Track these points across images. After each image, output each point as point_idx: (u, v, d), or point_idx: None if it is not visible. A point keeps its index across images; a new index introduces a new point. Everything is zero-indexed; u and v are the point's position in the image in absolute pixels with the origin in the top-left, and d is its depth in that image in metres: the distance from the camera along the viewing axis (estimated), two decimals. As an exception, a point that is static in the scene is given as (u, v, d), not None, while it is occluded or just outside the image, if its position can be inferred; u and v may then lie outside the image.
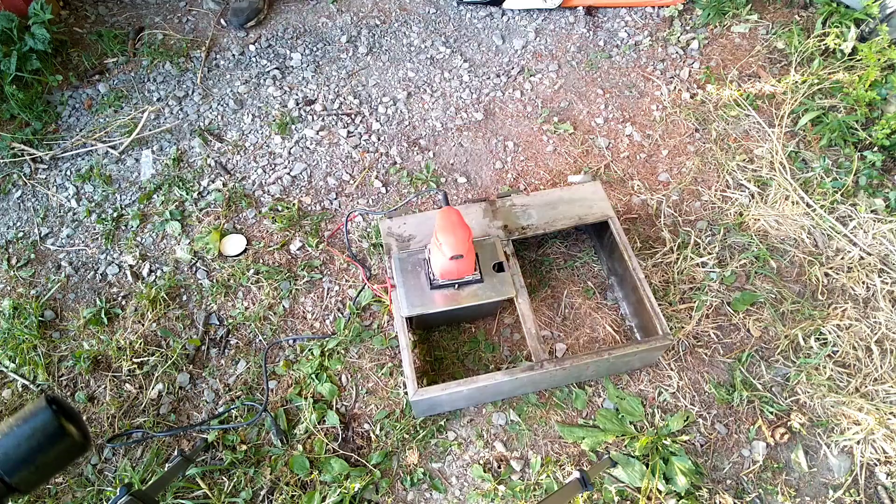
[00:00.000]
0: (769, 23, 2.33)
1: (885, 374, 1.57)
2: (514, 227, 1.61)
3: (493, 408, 1.56)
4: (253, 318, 1.71)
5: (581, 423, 1.54)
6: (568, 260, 1.81)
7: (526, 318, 1.47)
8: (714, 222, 1.86)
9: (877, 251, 1.77)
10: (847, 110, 2.03)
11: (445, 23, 2.38)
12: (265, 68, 2.24)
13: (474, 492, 1.45)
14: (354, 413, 1.57)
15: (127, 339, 1.67)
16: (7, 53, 2.05)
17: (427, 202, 1.93)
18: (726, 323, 1.68)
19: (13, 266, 1.84)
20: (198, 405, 1.60)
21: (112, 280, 1.80)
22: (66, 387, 1.64)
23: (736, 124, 2.07)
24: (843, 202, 1.86)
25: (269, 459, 1.50)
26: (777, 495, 1.44)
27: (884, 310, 1.67)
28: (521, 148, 2.04)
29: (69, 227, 1.91)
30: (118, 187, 1.98)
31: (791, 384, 1.58)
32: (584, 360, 1.43)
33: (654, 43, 2.29)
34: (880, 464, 1.47)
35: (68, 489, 1.49)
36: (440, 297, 1.48)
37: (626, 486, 1.43)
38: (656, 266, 1.76)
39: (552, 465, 1.47)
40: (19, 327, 1.69)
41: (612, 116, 2.11)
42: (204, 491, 1.45)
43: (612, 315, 1.71)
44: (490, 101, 2.16)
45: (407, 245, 1.58)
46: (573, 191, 1.68)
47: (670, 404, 1.56)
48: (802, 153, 1.99)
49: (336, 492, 1.42)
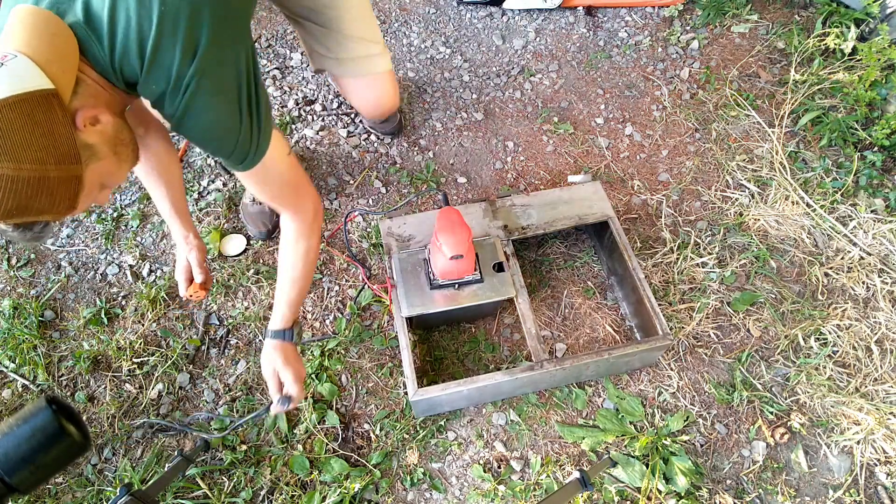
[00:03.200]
0: (769, 23, 2.33)
1: (885, 374, 1.57)
2: (514, 227, 1.61)
3: (493, 408, 1.56)
4: (253, 318, 1.71)
5: (581, 423, 1.54)
6: (568, 260, 1.81)
7: (526, 318, 1.47)
8: (714, 222, 1.86)
9: (877, 251, 1.77)
10: (847, 110, 2.03)
11: (445, 23, 2.38)
12: (265, 68, 2.24)
13: (474, 492, 1.45)
14: (354, 413, 1.57)
15: (127, 339, 1.67)
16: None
17: (427, 202, 1.93)
18: (726, 323, 1.68)
19: (13, 266, 1.84)
20: (198, 405, 1.60)
21: (112, 280, 1.80)
22: (66, 387, 1.64)
23: (736, 124, 2.07)
24: (843, 202, 1.86)
25: (269, 459, 1.50)
26: (777, 495, 1.44)
27: (884, 310, 1.67)
28: (521, 148, 2.04)
29: (69, 227, 1.91)
30: (118, 187, 1.98)
31: (791, 384, 1.58)
32: (584, 360, 1.43)
33: (654, 43, 2.29)
34: (880, 464, 1.47)
35: (68, 489, 1.49)
36: (440, 297, 1.48)
37: (626, 486, 1.43)
38: (656, 266, 1.76)
39: (552, 465, 1.47)
40: (19, 327, 1.69)
41: (612, 116, 2.11)
42: (204, 491, 1.45)
43: (612, 315, 1.71)
44: (490, 101, 2.16)
45: (407, 245, 1.58)
46: (573, 191, 1.68)
47: (670, 404, 1.56)
48: (802, 153, 1.99)
49: (336, 492, 1.42)
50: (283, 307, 1.26)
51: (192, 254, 1.38)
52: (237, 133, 0.97)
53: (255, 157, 1.03)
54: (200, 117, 0.94)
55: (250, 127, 0.99)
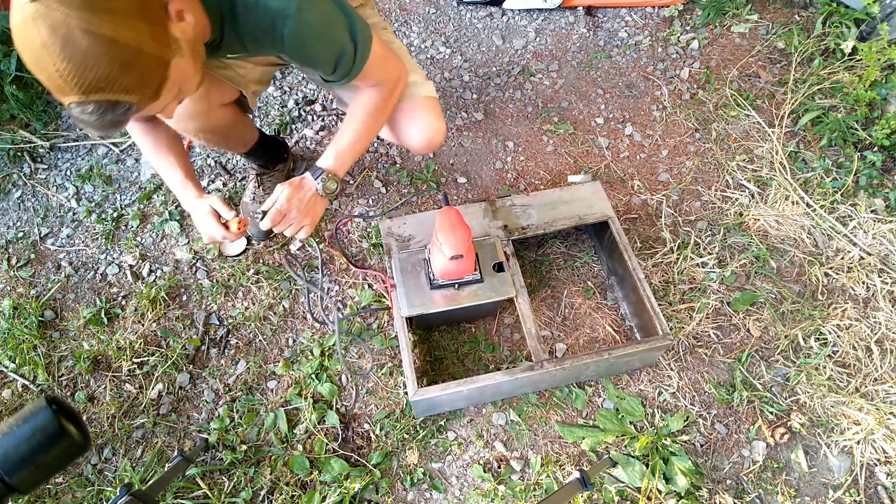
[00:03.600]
0: (769, 23, 2.33)
1: (885, 374, 1.57)
2: (514, 227, 1.61)
3: (493, 408, 1.56)
4: (253, 318, 1.71)
5: (581, 423, 1.54)
6: (568, 260, 1.81)
7: (526, 318, 1.47)
8: (714, 222, 1.86)
9: (877, 251, 1.77)
10: (847, 110, 2.03)
11: (445, 23, 2.38)
12: (265, 68, 2.24)
13: (474, 492, 1.45)
14: (354, 413, 1.57)
15: (127, 339, 1.67)
16: (7, 53, 2.05)
17: (427, 202, 1.93)
18: (726, 323, 1.68)
19: (13, 266, 1.84)
20: (198, 405, 1.60)
21: (112, 280, 1.80)
22: (66, 387, 1.64)
23: (736, 124, 2.07)
24: (843, 202, 1.86)
25: (269, 459, 1.50)
26: (777, 495, 1.44)
27: (884, 310, 1.67)
28: (521, 148, 2.04)
29: (69, 227, 1.91)
30: (118, 187, 1.98)
31: (791, 384, 1.58)
32: (584, 360, 1.43)
33: (654, 43, 2.29)
34: (880, 464, 1.47)
35: (68, 489, 1.49)
36: (440, 297, 1.48)
37: (626, 486, 1.43)
38: (656, 266, 1.76)
39: (552, 465, 1.47)
40: (19, 327, 1.69)
41: (612, 116, 2.11)
42: (204, 491, 1.45)
43: (612, 315, 1.71)
44: (490, 101, 2.16)
45: (407, 245, 1.58)
46: (573, 191, 1.68)
47: (670, 404, 1.56)
48: (802, 153, 1.99)
49: (336, 492, 1.42)
50: (331, 147, 1.29)
51: (212, 199, 1.29)
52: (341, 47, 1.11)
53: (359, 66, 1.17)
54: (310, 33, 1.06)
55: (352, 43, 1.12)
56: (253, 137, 1.69)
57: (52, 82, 0.77)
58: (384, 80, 1.30)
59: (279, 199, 1.26)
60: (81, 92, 0.77)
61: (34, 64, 0.77)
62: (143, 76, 0.81)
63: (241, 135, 1.62)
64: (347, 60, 1.15)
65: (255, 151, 1.75)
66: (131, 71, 0.78)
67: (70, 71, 0.75)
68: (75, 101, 0.79)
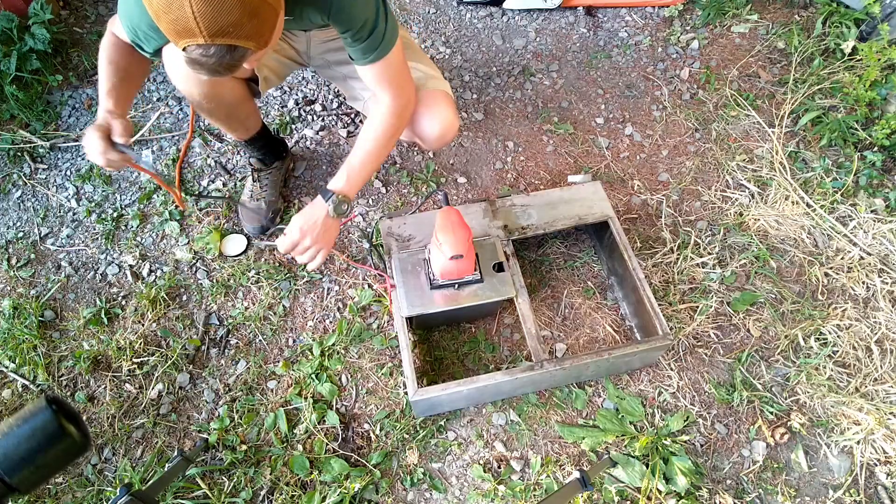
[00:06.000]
0: (769, 23, 2.33)
1: (885, 374, 1.57)
2: (514, 227, 1.61)
3: (493, 408, 1.56)
4: (253, 318, 1.70)
5: (581, 423, 1.54)
6: (568, 260, 1.81)
7: (526, 318, 1.47)
8: (714, 222, 1.86)
9: (877, 251, 1.77)
10: (847, 110, 2.03)
11: (445, 23, 2.38)
12: (265, 68, 2.24)
13: (474, 492, 1.45)
14: (354, 413, 1.57)
15: (127, 339, 1.67)
16: (7, 53, 2.05)
17: (427, 202, 1.93)
18: (726, 323, 1.68)
19: (13, 266, 1.84)
20: (198, 405, 1.60)
21: (112, 280, 1.80)
22: (66, 387, 1.64)
23: (736, 124, 2.07)
24: (843, 202, 1.86)
25: (269, 459, 1.50)
26: (777, 495, 1.44)
27: (884, 310, 1.67)
28: (521, 148, 2.04)
29: (69, 227, 1.91)
30: (118, 187, 1.98)
31: (791, 384, 1.58)
32: (584, 360, 1.43)
33: (654, 43, 2.29)
34: (880, 464, 1.47)
35: (68, 489, 1.49)
36: (440, 297, 1.48)
37: (626, 486, 1.43)
38: (656, 266, 1.76)
39: (552, 465, 1.47)
40: (19, 327, 1.69)
41: (612, 116, 2.11)
42: (204, 491, 1.45)
43: (612, 315, 1.71)
44: (490, 101, 2.16)
45: (407, 245, 1.58)
46: (573, 191, 1.68)
47: (670, 404, 1.56)
48: (802, 153, 1.99)
49: (336, 492, 1.42)
50: (343, 168, 1.31)
51: (117, 120, 1.20)
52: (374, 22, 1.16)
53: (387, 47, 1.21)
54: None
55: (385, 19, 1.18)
56: (256, 125, 1.71)
57: (181, 24, 0.82)
58: (399, 88, 1.31)
59: (291, 229, 1.30)
60: (210, 35, 0.83)
61: (166, 5, 0.81)
62: (263, 25, 0.87)
63: (245, 117, 1.64)
64: (379, 32, 1.19)
65: (256, 142, 1.76)
66: (255, 19, 0.84)
67: (207, 14, 0.80)
68: (199, 43, 0.84)
